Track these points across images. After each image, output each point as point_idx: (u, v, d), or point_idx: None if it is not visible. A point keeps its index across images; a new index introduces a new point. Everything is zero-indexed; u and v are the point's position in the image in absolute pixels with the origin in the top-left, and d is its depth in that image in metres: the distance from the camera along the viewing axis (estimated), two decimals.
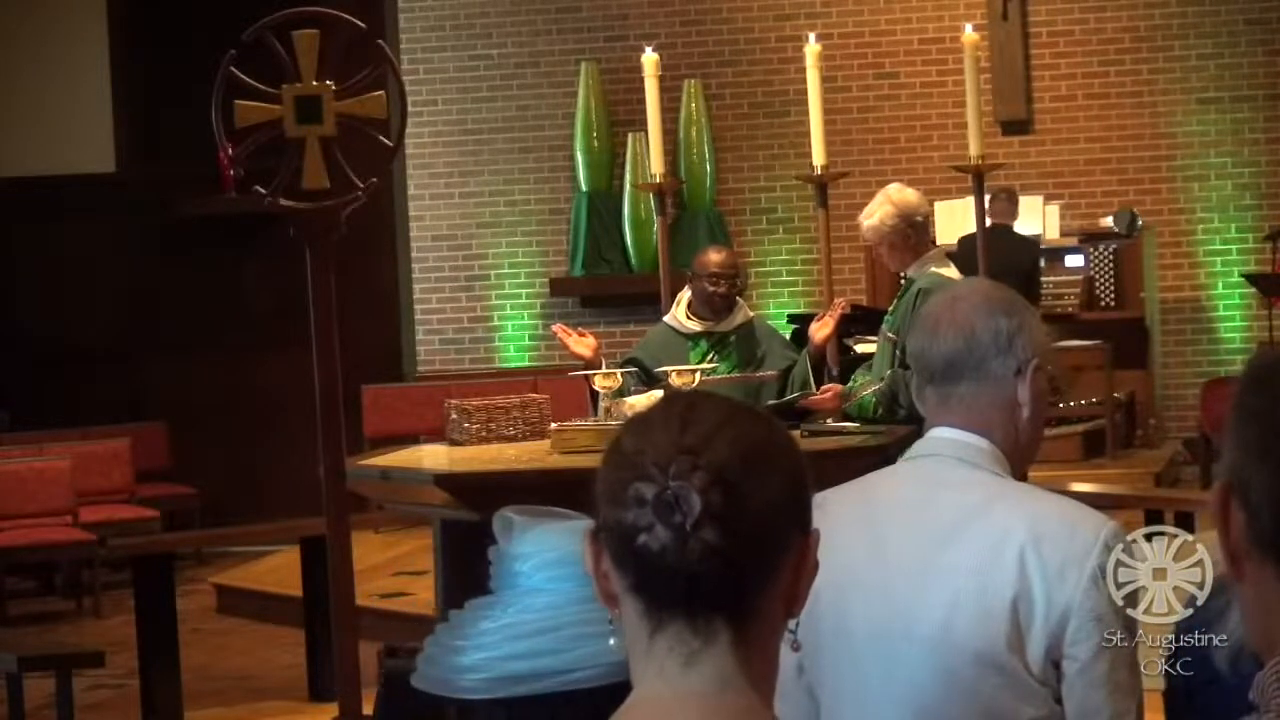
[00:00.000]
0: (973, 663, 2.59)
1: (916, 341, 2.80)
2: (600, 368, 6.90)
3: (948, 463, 2.71)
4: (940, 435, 2.74)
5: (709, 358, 7.06)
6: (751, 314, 7.37)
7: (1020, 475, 2.82)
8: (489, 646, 2.27)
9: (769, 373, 6.97)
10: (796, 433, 6.43)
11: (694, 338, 7.14)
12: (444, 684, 2.31)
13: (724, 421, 1.67)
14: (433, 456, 7.02)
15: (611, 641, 1.71)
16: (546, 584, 2.31)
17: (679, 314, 7.17)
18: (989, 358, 2.72)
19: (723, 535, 1.62)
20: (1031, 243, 11.09)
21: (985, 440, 2.72)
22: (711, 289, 7.06)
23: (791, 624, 1.72)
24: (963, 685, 2.60)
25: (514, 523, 2.37)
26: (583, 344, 7.07)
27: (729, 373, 7.00)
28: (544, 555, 2.32)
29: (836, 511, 2.65)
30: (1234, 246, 12.33)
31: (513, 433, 6.97)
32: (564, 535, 2.32)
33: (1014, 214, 11.11)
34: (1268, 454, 1.51)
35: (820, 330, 6.93)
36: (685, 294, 7.20)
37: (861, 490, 2.79)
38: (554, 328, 7.53)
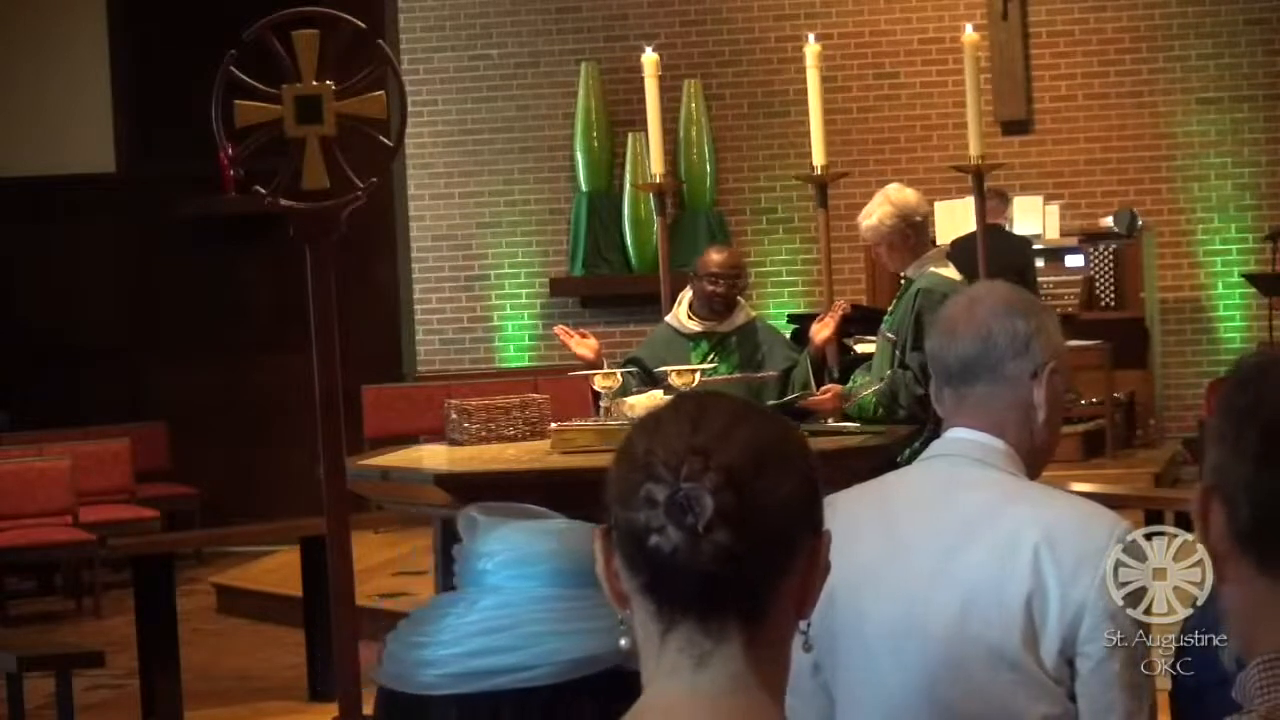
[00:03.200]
0: (987, 660, 2.60)
1: (934, 342, 2.81)
2: (602, 369, 6.91)
3: (963, 463, 2.73)
4: (957, 436, 2.77)
5: (710, 358, 7.07)
6: (753, 314, 7.37)
7: (1034, 476, 2.84)
8: (450, 643, 2.28)
9: (769, 373, 6.98)
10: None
11: (695, 338, 7.14)
12: (405, 680, 2.32)
13: (735, 422, 1.67)
14: (433, 456, 7.02)
15: (622, 642, 1.72)
16: (508, 582, 2.31)
17: (680, 314, 7.18)
18: (1005, 360, 2.74)
19: (735, 537, 1.61)
20: (1024, 242, 11.07)
21: (1001, 441, 2.74)
22: (710, 288, 7.06)
23: (803, 624, 1.72)
24: (977, 683, 2.61)
25: (479, 522, 2.38)
26: (584, 345, 7.08)
27: (729, 373, 7.00)
28: (507, 554, 2.33)
29: (852, 511, 2.67)
30: (1234, 246, 12.33)
31: (513, 433, 6.97)
32: (527, 535, 2.33)
33: (1004, 213, 11.10)
34: (1243, 449, 1.53)
35: (821, 331, 6.94)
36: (687, 294, 7.21)
37: (878, 489, 2.81)
38: (556, 329, 7.53)
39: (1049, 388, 2.75)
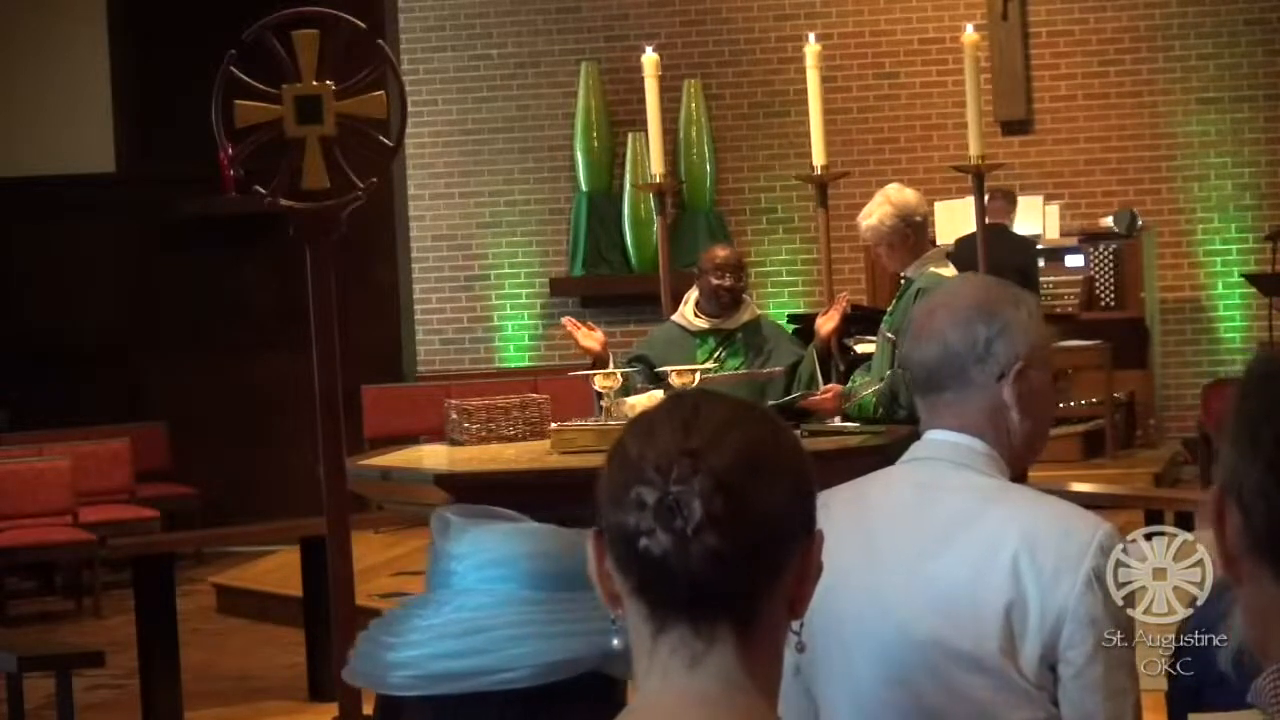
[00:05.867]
0: (966, 666, 2.58)
1: (905, 349, 2.80)
2: (609, 361, 6.91)
3: (943, 465, 2.69)
4: (935, 438, 2.73)
5: (716, 355, 7.07)
6: (758, 312, 7.38)
7: (1020, 474, 2.81)
8: (419, 644, 2.27)
9: (775, 369, 6.98)
10: (797, 433, 6.42)
11: (701, 335, 7.15)
12: (373, 680, 2.32)
13: (727, 424, 1.66)
14: (433, 456, 7.02)
15: (615, 642, 1.71)
16: (480, 584, 2.31)
17: (686, 312, 7.18)
18: (968, 366, 2.69)
19: (724, 540, 1.61)
20: (1027, 242, 11.09)
21: (979, 442, 2.70)
22: (716, 282, 7.06)
23: (796, 625, 1.72)
24: (956, 689, 2.59)
25: (451, 523, 2.37)
26: (591, 338, 7.09)
27: (736, 369, 7.00)
28: (479, 556, 2.32)
29: (835, 511, 2.65)
30: (1234, 246, 12.33)
31: (513, 433, 6.97)
32: (501, 537, 2.33)
33: (1010, 214, 11.11)
34: (1259, 454, 1.52)
35: (826, 323, 6.94)
36: (693, 293, 7.21)
37: (856, 492, 2.78)
38: (564, 320, 7.56)
39: (1020, 387, 2.69)
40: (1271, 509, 1.51)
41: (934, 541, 2.63)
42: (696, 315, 7.16)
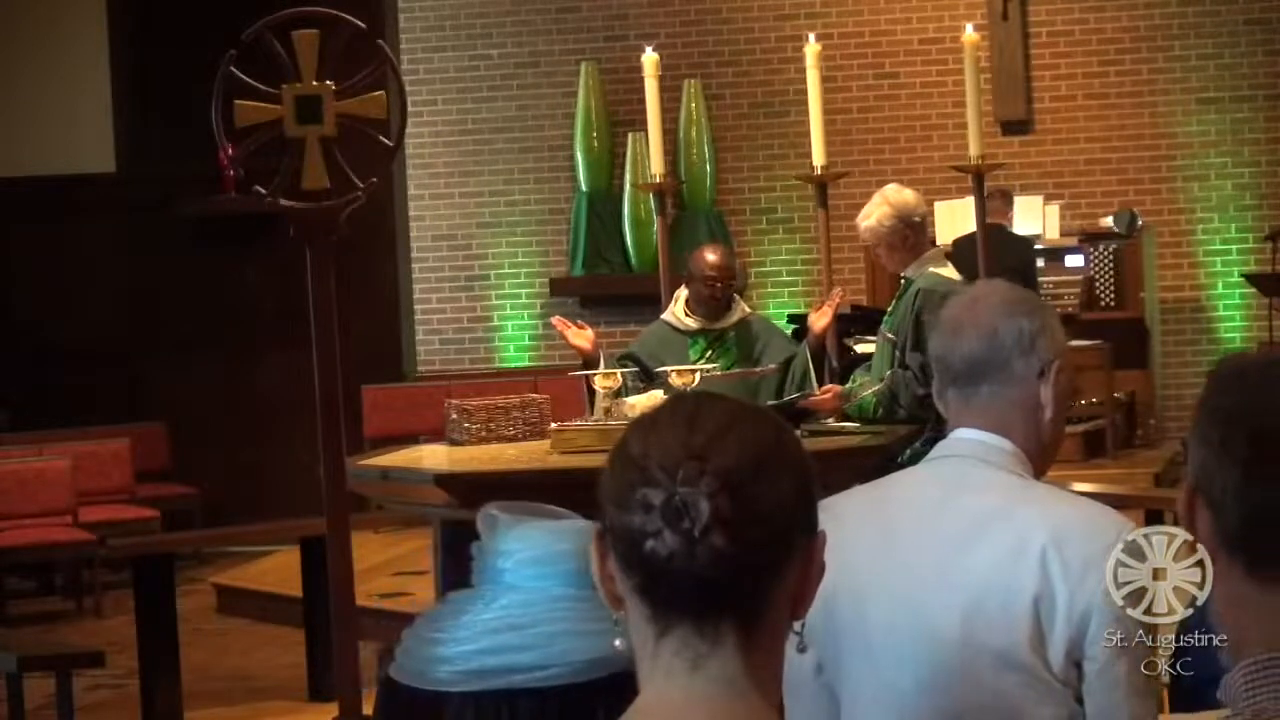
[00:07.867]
0: (993, 663, 2.59)
1: (937, 344, 2.79)
2: (598, 360, 6.92)
3: (970, 464, 2.72)
4: (962, 437, 2.75)
5: (708, 354, 7.07)
6: (749, 310, 7.38)
7: (1041, 474, 2.83)
8: (466, 640, 2.28)
9: (769, 366, 6.97)
10: (797, 433, 6.41)
11: (693, 335, 7.15)
12: (420, 675, 2.33)
13: (731, 424, 1.67)
14: (433, 456, 7.02)
15: (616, 643, 1.72)
16: (526, 581, 2.32)
17: (677, 311, 7.18)
18: (1012, 358, 2.73)
19: (731, 540, 1.61)
20: (1026, 242, 11.08)
21: (1007, 441, 2.72)
22: (707, 291, 7.06)
23: (797, 625, 1.72)
24: (983, 685, 2.60)
25: (498, 520, 2.38)
26: (581, 336, 7.10)
27: (729, 368, 7.00)
28: (526, 553, 2.33)
29: (853, 513, 2.66)
30: (1234, 246, 12.33)
31: (513, 433, 6.97)
32: (547, 534, 2.33)
33: (1008, 213, 11.10)
34: (1230, 451, 1.52)
35: (819, 319, 6.93)
36: (683, 292, 7.21)
37: (881, 491, 2.80)
38: (553, 319, 7.58)
39: (1055, 385, 2.74)
40: (1243, 507, 1.52)
41: (961, 539, 2.65)
42: (687, 315, 7.16)
